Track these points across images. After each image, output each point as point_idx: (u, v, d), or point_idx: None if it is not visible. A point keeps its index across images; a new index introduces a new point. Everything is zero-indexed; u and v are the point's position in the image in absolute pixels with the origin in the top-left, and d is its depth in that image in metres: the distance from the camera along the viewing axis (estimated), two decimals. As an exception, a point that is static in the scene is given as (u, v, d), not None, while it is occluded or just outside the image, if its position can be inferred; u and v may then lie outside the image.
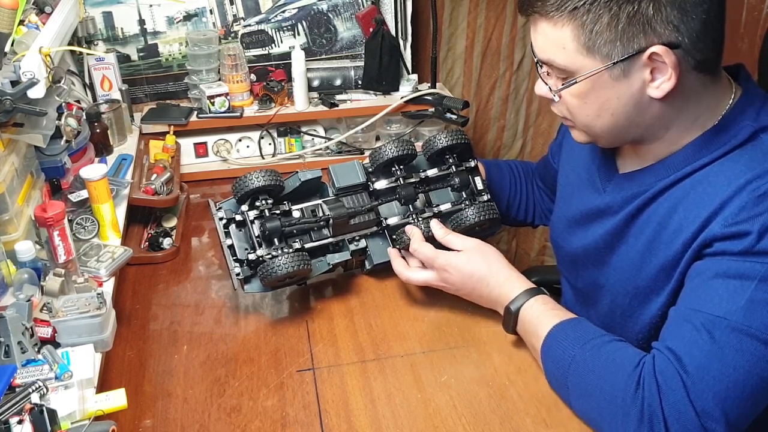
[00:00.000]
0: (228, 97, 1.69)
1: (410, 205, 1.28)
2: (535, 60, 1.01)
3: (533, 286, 1.11)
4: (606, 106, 0.97)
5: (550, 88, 1.01)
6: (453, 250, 1.17)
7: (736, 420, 0.87)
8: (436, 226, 1.22)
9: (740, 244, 0.89)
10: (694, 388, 0.87)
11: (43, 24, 1.24)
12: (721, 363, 0.86)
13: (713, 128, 0.98)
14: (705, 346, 0.88)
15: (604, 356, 0.95)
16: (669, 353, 0.90)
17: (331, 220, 1.22)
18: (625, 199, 1.06)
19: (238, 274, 1.18)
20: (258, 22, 1.78)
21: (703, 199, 0.94)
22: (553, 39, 0.94)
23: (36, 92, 1.10)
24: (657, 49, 0.89)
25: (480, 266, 1.14)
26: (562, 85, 0.98)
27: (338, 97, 1.78)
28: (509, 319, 1.10)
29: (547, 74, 1.01)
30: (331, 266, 1.24)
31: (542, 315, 1.05)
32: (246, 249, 1.20)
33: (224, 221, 1.20)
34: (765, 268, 0.87)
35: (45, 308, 1.02)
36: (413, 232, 1.21)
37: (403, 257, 1.23)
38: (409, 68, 1.86)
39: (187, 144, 1.72)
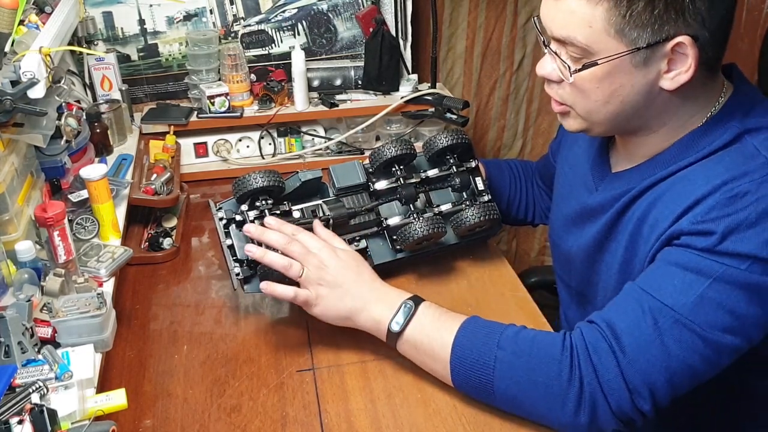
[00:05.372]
0: (228, 97, 1.68)
1: (411, 205, 1.28)
2: (543, 40, 1.00)
3: (411, 294, 1.07)
4: (618, 93, 0.96)
5: (568, 66, 0.96)
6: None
7: (660, 400, 0.92)
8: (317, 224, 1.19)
9: (704, 242, 0.90)
10: (629, 368, 0.90)
11: (43, 24, 1.24)
12: (659, 349, 0.90)
13: (701, 127, 0.99)
14: (647, 330, 0.91)
15: (525, 349, 0.96)
16: (608, 329, 0.93)
17: (331, 221, 1.22)
18: (613, 198, 1.06)
19: (237, 274, 1.18)
20: (258, 22, 1.78)
21: (680, 195, 0.95)
22: (581, 15, 0.92)
23: (36, 92, 1.09)
24: (684, 39, 0.90)
25: (353, 266, 1.11)
26: (582, 65, 0.95)
27: (338, 97, 1.78)
28: (393, 336, 1.05)
29: (556, 54, 0.98)
30: (331, 266, 1.24)
31: (436, 322, 1.03)
32: (246, 249, 1.20)
33: (224, 221, 1.20)
34: (722, 269, 0.89)
35: (45, 308, 1.02)
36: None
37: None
38: (409, 68, 1.85)
39: (187, 144, 1.72)
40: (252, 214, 1.19)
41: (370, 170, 1.28)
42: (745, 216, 0.89)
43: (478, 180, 1.32)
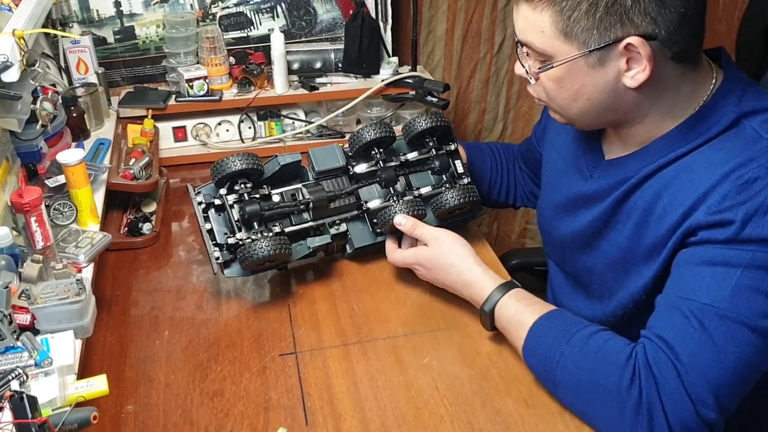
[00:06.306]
0: (207, 81, 1.67)
1: (391, 188, 1.28)
2: (516, 41, 1.01)
3: (504, 280, 1.10)
4: (582, 92, 0.98)
5: (527, 69, 1.01)
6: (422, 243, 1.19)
7: (727, 405, 0.89)
8: (401, 219, 1.21)
9: (724, 233, 0.90)
10: (688, 377, 0.88)
11: (17, 5, 1.22)
12: (713, 351, 0.88)
13: (695, 114, 0.99)
14: (696, 334, 0.89)
15: (593, 350, 0.95)
16: (660, 341, 0.91)
17: (311, 204, 1.22)
18: (611, 186, 1.06)
19: (217, 258, 1.18)
20: (236, 4, 1.76)
21: (687, 186, 0.95)
22: (533, 22, 0.95)
23: (10, 76, 1.07)
24: (633, 40, 0.90)
25: (450, 261, 1.14)
26: (539, 68, 0.98)
27: (318, 80, 1.77)
28: (485, 319, 1.09)
29: (527, 55, 1.01)
30: (311, 250, 1.24)
31: (519, 312, 1.04)
32: (225, 233, 1.19)
33: (203, 205, 1.19)
34: (749, 255, 0.89)
35: (23, 295, 1.01)
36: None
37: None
38: (390, 51, 1.85)
39: (166, 128, 1.70)
40: (231, 198, 1.18)
41: (350, 153, 1.28)
42: (761, 201, 0.89)
43: (458, 163, 1.32)
